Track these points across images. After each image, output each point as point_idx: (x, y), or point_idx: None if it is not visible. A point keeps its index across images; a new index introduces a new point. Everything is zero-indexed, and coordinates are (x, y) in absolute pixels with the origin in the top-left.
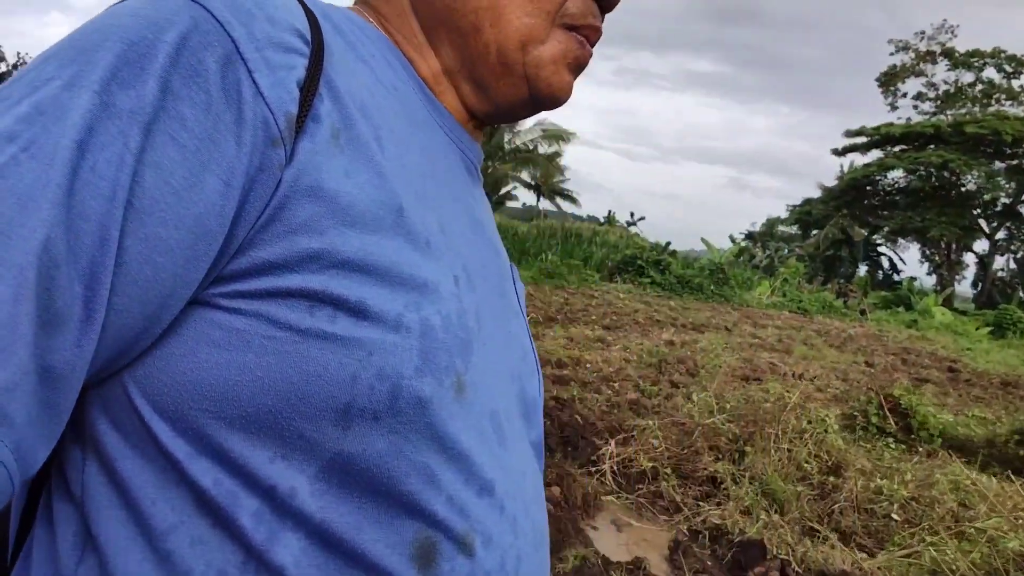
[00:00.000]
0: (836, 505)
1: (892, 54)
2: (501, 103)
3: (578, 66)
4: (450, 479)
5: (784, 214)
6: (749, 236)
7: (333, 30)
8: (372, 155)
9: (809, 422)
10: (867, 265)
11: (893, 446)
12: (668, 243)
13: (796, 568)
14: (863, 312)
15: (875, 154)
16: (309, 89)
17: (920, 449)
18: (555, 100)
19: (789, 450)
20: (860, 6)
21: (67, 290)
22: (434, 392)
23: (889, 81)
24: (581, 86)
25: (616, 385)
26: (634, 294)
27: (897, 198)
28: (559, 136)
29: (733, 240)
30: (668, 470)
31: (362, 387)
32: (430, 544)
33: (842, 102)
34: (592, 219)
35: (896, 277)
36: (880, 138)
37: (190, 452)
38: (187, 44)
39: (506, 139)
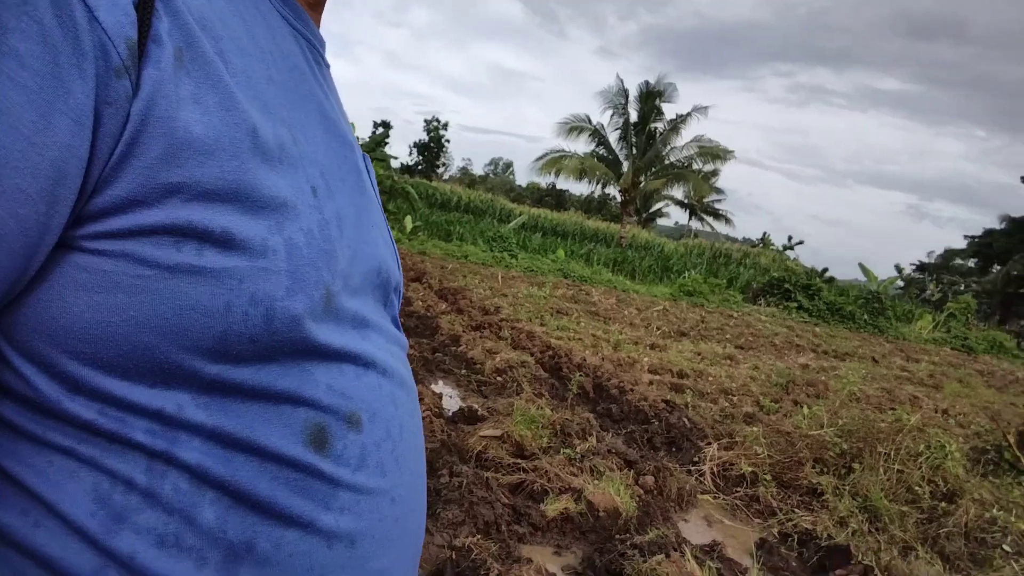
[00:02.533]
0: (943, 529)
1: None
2: None
3: None
4: (326, 371)
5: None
6: (922, 268)
7: None
8: (219, 74)
9: (927, 447)
10: None
11: None
12: (825, 269)
13: (879, 574)
14: None
15: None
16: (145, 8)
17: None
18: None
19: (900, 471)
20: None
21: None
22: (306, 307)
23: None
24: (748, 102)
25: (735, 399)
26: (777, 318)
27: None
28: (716, 154)
29: (899, 270)
30: (768, 476)
31: (237, 315)
32: (321, 427)
33: None
34: (747, 241)
35: None
36: None
37: (64, 393)
38: None
39: (663, 153)
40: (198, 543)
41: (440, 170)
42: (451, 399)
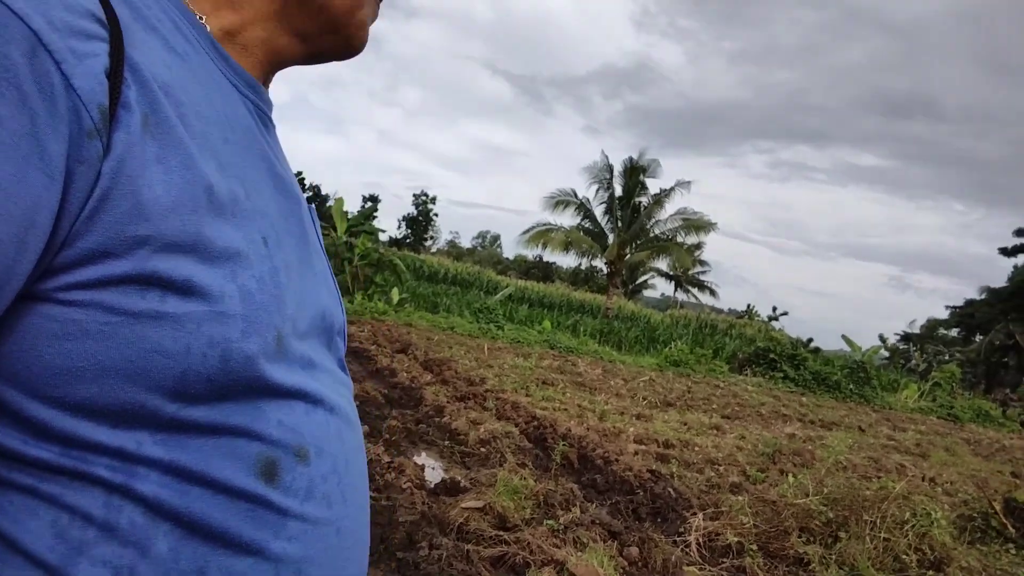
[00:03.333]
0: None
1: None
2: (320, 53)
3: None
4: (277, 408)
5: (946, 316)
6: (906, 338)
7: (121, 2)
8: (180, 137)
9: (914, 514)
10: None
11: (1014, 552)
12: (810, 339)
13: None
14: None
15: None
16: (116, 76)
17: None
18: (360, 51)
19: (887, 539)
20: None
21: None
22: (260, 348)
23: None
24: (731, 177)
25: (721, 468)
26: (764, 388)
27: None
28: (700, 226)
29: (883, 340)
30: (754, 547)
31: (195, 356)
32: (271, 460)
33: None
34: (733, 312)
35: None
36: None
37: (29, 440)
38: None
39: (647, 226)
40: (152, 573)
41: (428, 243)
42: (434, 471)
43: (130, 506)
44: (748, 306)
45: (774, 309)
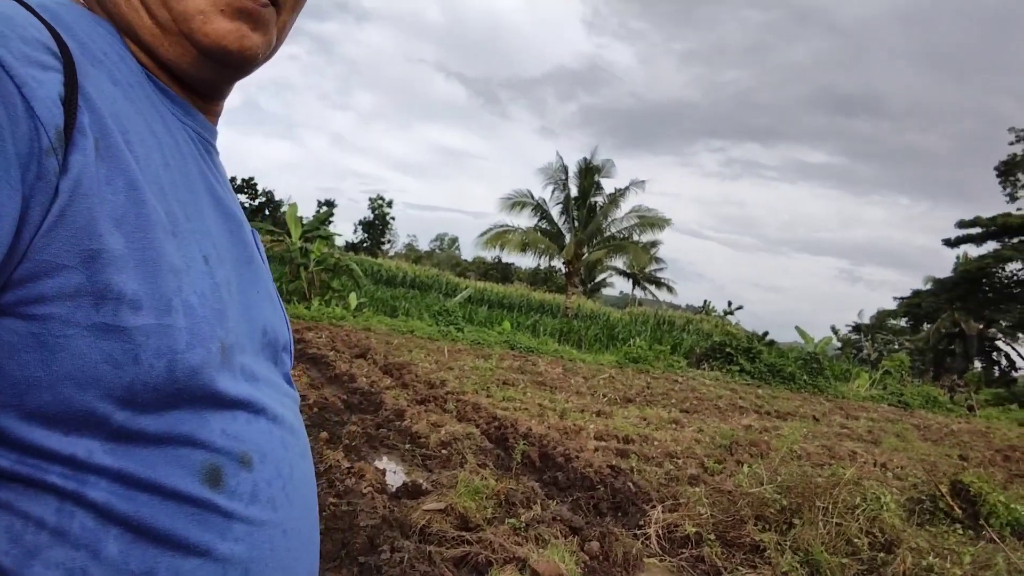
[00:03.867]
0: None
1: (1012, 143)
2: (177, 66)
3: (238, 10)
4: (220, 418)
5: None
6: (857, 328)
7: (71, 38)
8: (126, 161)
9: (863, 499)
10: (982, 361)
11: (961, 532)
12: (765, 333)
13: None
14: (971, 408)
15: (991, 245)
16: (70, 103)
17: (987, 536)
18: (224, 51)
19: (839, 524)
20: (989, 92)
21: None
22: (203, 359)
23: (1008, 171)
24: (685, 176)
25: (680, 461)
26: (721, 381)
27: (1016, 291)
28: (655, 223)
29: (835, 331)
30: (712, 536)
31: (143, 366)
32: (215, 467)
33: (967, 193)
34: (690, 308)
35: (1015, 374)
36: (997, 229)
37: None
38: None
39: (603, 225)
40: (103, 574)
41: (385, 247)
42: (395, 475)
43: (81, 512)
44: (705, 302)
45: (729, 304)
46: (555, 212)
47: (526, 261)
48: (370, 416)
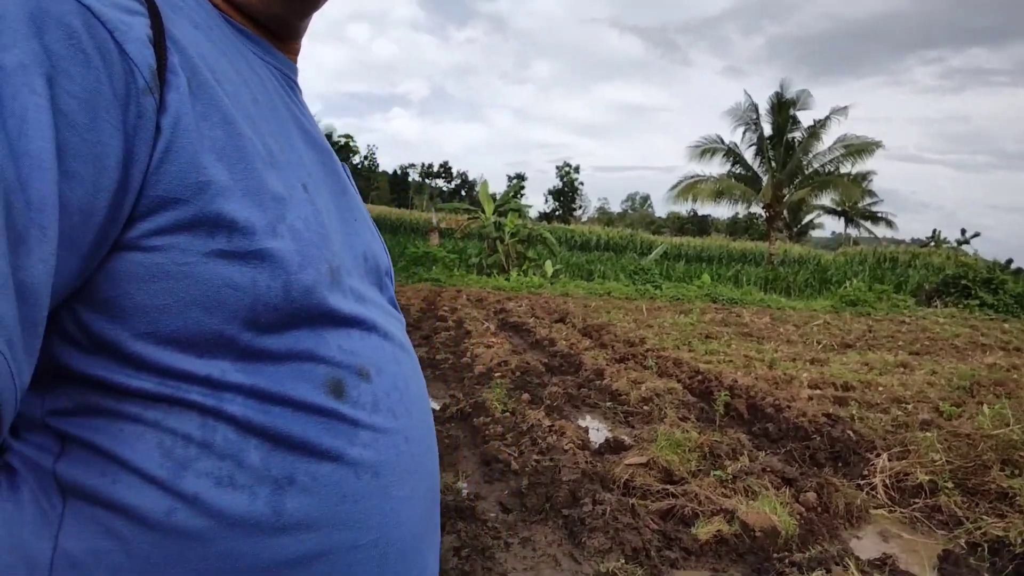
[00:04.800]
0: None
1: None
2: (250, 5)
3: None
4: (336, 335)
5: None
6: None
7: None
8: (219, 97)
9: None
10: None
11: None
12: (1010, 260)
13: None
14: None
15: None
16: (159, 45)
17: None
18: None
19: None
20: None
21: (23, 213)
22: (315, 279)
23: None
24: (896, 96)
25: (909, 407)
26: (957, 318)
27: None
28: (863, 149)
29: None
30: (949, 484)
31: (261, 287)
32: (337, 380)
33: None
34: (916, 241)
35: None
36: None
37: (132, 374)
38: (49, 12)
39: (804, 162)
40: (249, 481)
41: (577, 212)
42: (597, 432)
43: (223, 425)
44: (933, 232)
45: (963, 232)
46: (749, 155)
47: (723, 211)
48: (571, 377)
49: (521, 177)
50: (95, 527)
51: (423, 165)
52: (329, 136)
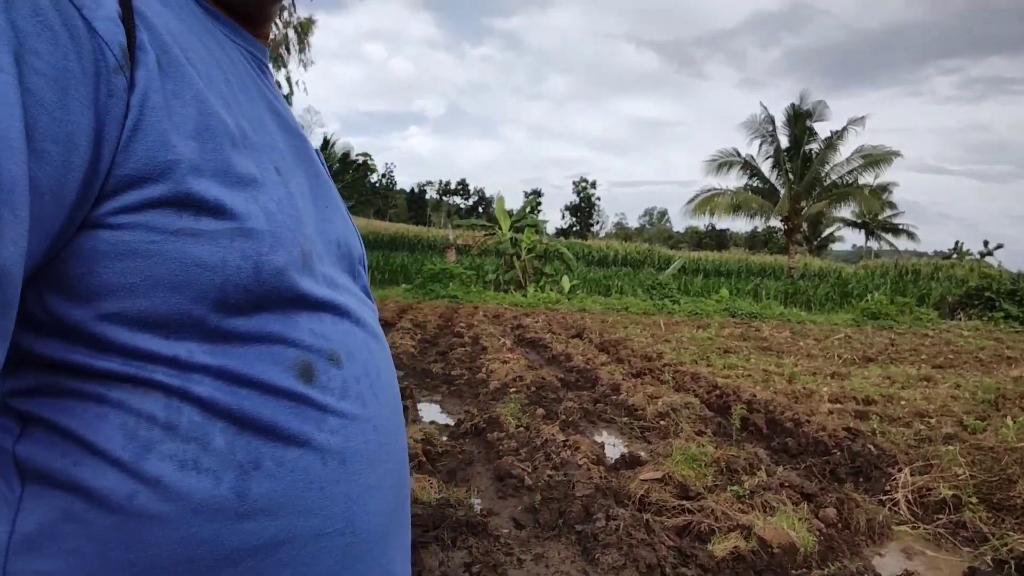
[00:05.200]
0: None
1: None
2: None
3: None
4: (308, 318)
5: None
6: None
7: None
8: (190, 75)
9: None
10: None
11: None
12: None
13: None
14: None
15: None
16: (128, 22)
17: None
18: None
19: None
20: None
21: None
22: (287, 261)
23: None
24: (915, 107)
25: (932, 420)
26: (981, 331)
27: None
28: (881, 159)
29: None
30: (973, 499)
31: (231, 268)
32: (307, 363)
33: None
34: (938, 254)
35: None
36: None
37: (95, 355)
38: None
39: (822, 173)
40: (213, 464)
41: (595, 228)
42: (613, 447)
43: (188, 407)
44: (956, 244)
45: (986, 244)
46: (765, 167)
47: (742, 225)
48: (586, 392)
49: (538, 193)
50: (54, 510)
51: (440, 182)
52: (346, 155)
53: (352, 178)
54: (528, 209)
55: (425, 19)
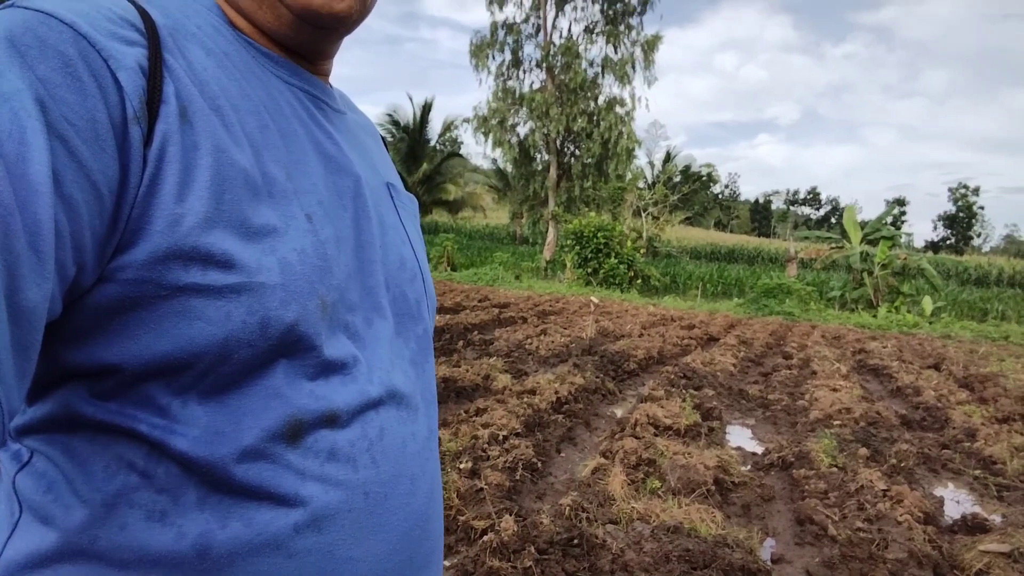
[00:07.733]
0: None
1: None
2: (275, 30)
3: None
4: (313, 375)
5: None
6: None
7: (161, 13)
8: (213, 126)
9: None
10: None
11: None
12: None
13: None
14: None
15: None
16: (153, 75)
17: None
18: (314, 14)
19: None
20: None
21: (20, 237)
22: (299, 316)
23: None
24: None
25: None
26: None
27: None
28: None
29: None
30: None
31: (236, 323)
32: (297, 423)
33: None
34: None
35: None
36: None
37: (87, 401)
38: (47, 43)
39: None
40: (180, 519)
41: (976, 241)
42: (953, 505)
43: (167, 458)
44: None
45: None
46: None
47: None
48: (931, 434)
49: (901, 202)
50: (34, 543)
51: (788, 192)
52: (687, 168)
53: (690, 189)
54: (884, 220)
55: (782, 22)
